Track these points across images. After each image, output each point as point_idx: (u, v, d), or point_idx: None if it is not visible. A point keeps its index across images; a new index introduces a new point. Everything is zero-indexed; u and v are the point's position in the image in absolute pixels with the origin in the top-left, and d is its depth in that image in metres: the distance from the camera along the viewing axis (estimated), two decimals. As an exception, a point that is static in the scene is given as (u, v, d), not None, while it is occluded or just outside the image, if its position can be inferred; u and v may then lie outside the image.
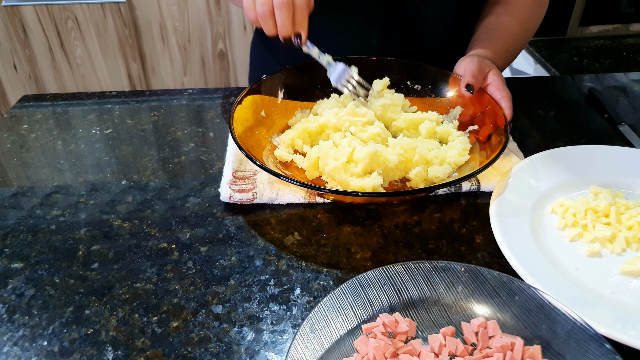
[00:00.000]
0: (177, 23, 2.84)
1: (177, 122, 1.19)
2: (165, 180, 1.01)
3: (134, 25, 2.82)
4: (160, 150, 1.09)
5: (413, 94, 1.18)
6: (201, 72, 3.02)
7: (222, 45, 2.94)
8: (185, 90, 1.32)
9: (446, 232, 0.89)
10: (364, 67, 1.16)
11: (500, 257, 0.83)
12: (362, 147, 0.96)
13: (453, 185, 0.90)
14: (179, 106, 1.25)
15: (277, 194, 0.95)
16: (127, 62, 2.93)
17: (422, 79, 1.17)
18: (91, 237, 0.88)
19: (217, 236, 0.88)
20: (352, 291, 0.71)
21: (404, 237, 0.88)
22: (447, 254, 0.85)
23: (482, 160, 0.95)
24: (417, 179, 0.96)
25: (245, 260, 0.84)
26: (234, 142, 0.93)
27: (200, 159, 1.07)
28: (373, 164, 0.95)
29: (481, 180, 0.98)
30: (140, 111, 1.24)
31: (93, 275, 0.81)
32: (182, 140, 1.13)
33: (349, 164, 0.95)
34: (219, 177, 1.01)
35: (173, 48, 2.92)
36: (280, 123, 1.11)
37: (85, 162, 1.07)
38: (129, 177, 1.02)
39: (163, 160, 1.07)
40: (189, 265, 0.83)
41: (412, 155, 0.97)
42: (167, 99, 1.29)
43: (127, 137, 1.14)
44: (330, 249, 0.86)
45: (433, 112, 1.10)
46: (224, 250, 0.85)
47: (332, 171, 0.94)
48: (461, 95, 1.09)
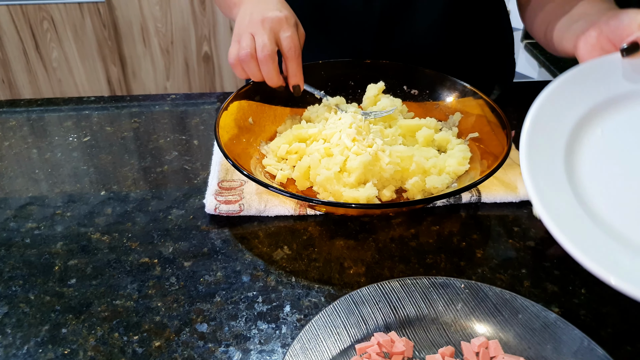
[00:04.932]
0: (160, 24, 2.84)
1: (160, 129, 1.19)
2: (147, 191, 1.01)
3: (113, 27, 2.82)
4: (142, 159, 1.09)
5: (410, 99, 1.18)
6: (185, 76, 3.02)
7: (207, 48, 2.94)
8: (168, 95, 1.32)
9: (445, 245, 0.89)
10: (358, 71, 1.16)
11: (502, 272, 0.84)
12: (355, 156, 0.96)
13: (452, 196, 0.90)
14: (161, 112, 1.25)
15: (265, 206, 0.95)
16: (107, 65, 2.93)
17: (419, 83, 1.18)
18: (68, 251, 0.88)
19: (201, 250, 0.88)
20: (345, 309, 0.71)
21: (400, 251, 0.88)
22: (446, 269, 0.85)
23: (483, 169, 0.95)
24: (414, 190, 0.96)
25: (232, 275, 0.84)
26: (220, 150, 0.93)
27: (184, 168, 1.07)
28: (367, 173, 0.95)
29: (482, 191, 0.98)
30: (120, 117, 1.24)
31: (70, 291, 0.81)
32: (165, 148, 1.13)
33: (342, 174, 0.96)
34: (203, 188, 1.01)
35: (155, 50, 2.92)
36: (269, 130, 1.11)
37: (61, 171, 1.06)
38: (109, 187, 1.02)
39: (144, 169, 1.07)
40: (172, 281, 0.83)
41: (409, 165, 0.97)
42: (148, 104, 1.29)
43: (106, 145, 1.14)
44: (322, 263, 0.86)
45: (431, 119, 1.10)
46: (209, 265, 0.85)
47: (324, 181, 0.94)
48: (461, 100, 1.09)
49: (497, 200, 0.98)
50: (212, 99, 1.31)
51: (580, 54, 0.88)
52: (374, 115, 1.08)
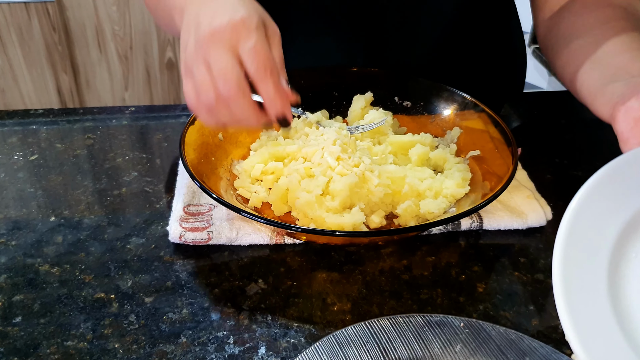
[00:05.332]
0: (117, 27, 2.85)
1: (117, 147, 1.19)
2: (103, 217, 1.01)
3: (64, 30, 2.82)
4: (97, 181, 1.09)
5: (402, 112, 1.18)
6: (146, 85, 3.02)
7: (171, 54, 2.95)
8: (126, 107, 1.32)
9: (442, 279, 0.90)
10: (342, 79, 1.16)
11: (507, 309, 0.84)
12: (340, 177, 0.96)
13: (450, 222, 0.91)
14: (119, 127, 1.25)
15: (237, 234, 0.95)
16: (57, 73, 2.93)
17: (412, 93, 1.19)
18: (13, 285, 0.88)
19: (165, 284, 0.88)
20: (329, 351, 0.71)
21: (390, 285, 0.88)
22: (443, 305, 0.85)
23: (486, 192, 0.96)
24: (407, 215, 0.96)
25: (199, 313, 0.83)
26: (186, 170, 0.93)
27: (144, 190, 1.07)
28: (353, 197, 0.96)
29: (484, 216, 0.98)
30: (73, 133, 1.23)
31: (15, 331, 0.81)
32: (123, 168, 1.12)
33: (325, 197, 0.96)
34: (167, 213, 1.01)
35: (112, 57, 2.92)
36: (242, 147, 1.11)
37: (5, 194, 1.06)
38: (59, 212, 1.02)
39: (100, 192, 1.07)
40: (131, 319, 0.82)
41: (401, 187, 0.98)
42: (104, 118, 1.28)
43: (56, 164, 1.14)
44: (302, 299, 0.86)
45: (426, 134, 1.11)
46: (174, 301, 0.85)
47: (304, 206, 0.94)
48: (461, 113, 1.09)
49: (502, 227, 0.98)
50: (176, 111, 1.31)
51: (621, 129, 0.80)
52: (361, 130, 1.08)
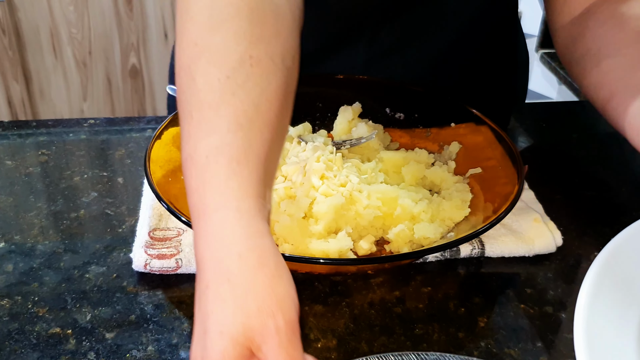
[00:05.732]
0: (75, 29, 2.85)
1: (75, 164, 1.19)
2: (58, 243, 1.01)
3: (15, 33, 2.82)
4: (52, 202, 1.09)
5: (394, 125, 1.19)
6: (107, 95, 3.02)
7: (134, 60, 2.95)
8: (85, 120, 1.33)
9: (438, 312, 0.90)
10: (327, 88, 1.16)
11: (511, 345, 0.84)
12: (324, 198, 0.96)
13: (448, 249, 0.91)
14: (76, 142, 1.26)
15: (210, 261, 0.94)
16: (6, 82, 2.92)
17: (406, 104, 1.19)
18: (-46, 320, 0.88)
19: (128, 318, 0.88)
20: (312, 392, 0.72)
21: (381, 319, 0.89)
22: (440, 342, 0.85)
23: (488, 215, 0.96)
24: (400, 241, 0.96)
25: (167, 350, 0.84)
26: (152, 190, 0.93)
27: (105, 213, 1.07)
28: (339, 220, 0.96)
29: (486, 242, 0.98)
30: (25, 149, 1.24)
31: (-43, 372, 0.81)
32: (81, 188, 1.13)
33: (307, 221, 0.96)
34: (130, 238, 1.01)
35: (69, 63, 2.92)
36: (216, 165, 1.10)
37: (-53, 217, 1.06)
38: (9, 237, 1.02)
39: (55, 215, 1.07)
40: (90, 357, 0.82)
41: (393, 209, 0.98)
42: (60, 132, 1.29)
43: (6, 183, 1.14)
44: (283, 335, 0.86)
45: (421, 150, 1.11)
46: (138, 337, 0.85)
47: (284, 230, 0.94)
48: (460, 127, 1.09)
49: (506, 254, 0.98)
50: (141, 124, 1.32)
51: None
52: (348, 145, 1.09)
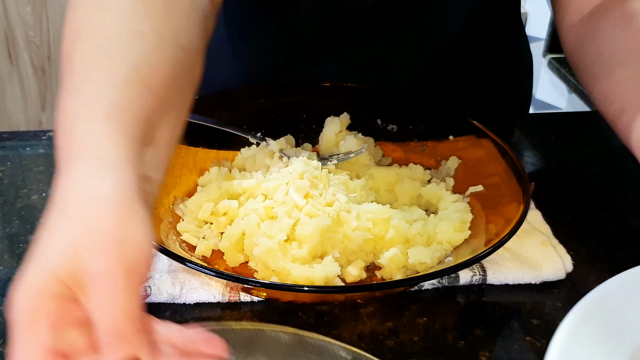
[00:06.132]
0: (32, 32, 2.84)
1: (32, 181, 1.20)
2: (14, 269, 1.01)
3: (-34, 34, 2.83)
4: (6, 224, 1.10)
5: (386, 138, 1.20)
6: (69, 104, 3.01)
7: (100, 65, 2.94)
8: (43, 132, 1.33)
9: (435, 345, 0.90)
10: (312, 98, 1.16)
11: (514, 382, 0.85)
12: (308, 219, 0.96)
13: (446, 275, 0.92)
14: (34, 157, 1.26)
15: (181, 289, 0.94)
16: (-45, 89, 2.93)
17: (399, 114, 1.19)
18: None
19: (90, 353, 0.89)
20: None
21: (372, 352, 0.89)
22: (436, 378, 0.86)
23: (490, 238, 0.96)
24: (392, 267, 0.96)
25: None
26: (118, 210, 0.93)
27: (65, 236, 1.07)
28: (326, 243, 0.96)
29: (488, 268, 0.99)
30: (-24, 164, 1.24)
31: None
32: (39, 208, 1.13)
33: (290, 244, 0.96)
34: (94, 264, 1.02)
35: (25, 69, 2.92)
36: (187, 182, 1.11)
37: None
38: (-43, 263, 1.03)
39: (10, 237, 1.07)
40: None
41: (385, 231, 0.98)
42: (16, 145, 1.29)
43: (-46, 202, 1.14)
44: (262, 371, 0.87)
45: (416, 166, 1.12)
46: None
47: (265, 255, 0.94)
48: (459, 140, 1.09)
49: (510, 282, 0.98)
50: (107, 137, 1.32)
51: None
52: (335, 160, 1.09)
